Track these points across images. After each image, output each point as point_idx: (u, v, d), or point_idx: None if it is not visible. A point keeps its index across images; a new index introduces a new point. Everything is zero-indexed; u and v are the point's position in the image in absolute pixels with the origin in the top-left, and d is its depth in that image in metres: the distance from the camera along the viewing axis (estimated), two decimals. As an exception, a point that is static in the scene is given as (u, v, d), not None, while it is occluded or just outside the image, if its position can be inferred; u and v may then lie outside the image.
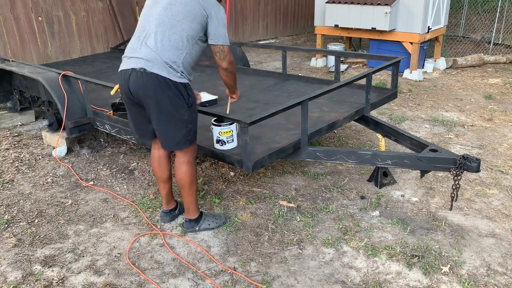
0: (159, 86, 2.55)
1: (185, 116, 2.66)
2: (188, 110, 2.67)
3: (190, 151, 2.84)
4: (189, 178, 2.87)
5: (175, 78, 2.57)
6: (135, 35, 2.70)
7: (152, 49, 2.56)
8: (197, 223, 3.06)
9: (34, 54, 7.00)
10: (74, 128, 4.02)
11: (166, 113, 2.63)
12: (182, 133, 2.71)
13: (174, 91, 2.58)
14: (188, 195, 2.93)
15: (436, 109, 5.56)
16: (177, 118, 2.65)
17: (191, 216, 3.04)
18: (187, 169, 2.84)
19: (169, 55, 2.56)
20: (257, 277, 2.65)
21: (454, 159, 2.91)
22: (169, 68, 2.56)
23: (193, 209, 3.02)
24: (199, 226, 3.07)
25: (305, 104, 3.02)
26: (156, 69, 2.54)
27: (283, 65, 4.87)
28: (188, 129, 2.72)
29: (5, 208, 3.43)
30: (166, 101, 2.59)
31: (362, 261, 2.77)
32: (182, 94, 2.61)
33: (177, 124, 2.67)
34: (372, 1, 6.77)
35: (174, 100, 2.60)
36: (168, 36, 2.58)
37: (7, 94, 5.19)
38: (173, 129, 2.69)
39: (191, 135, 2.77)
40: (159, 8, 2.64)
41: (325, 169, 3.97)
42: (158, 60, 2.55)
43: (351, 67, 7.78)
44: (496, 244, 2.92)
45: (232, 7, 9.73)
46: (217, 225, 3.12)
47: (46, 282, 2.63)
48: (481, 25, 9.92)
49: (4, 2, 6.51)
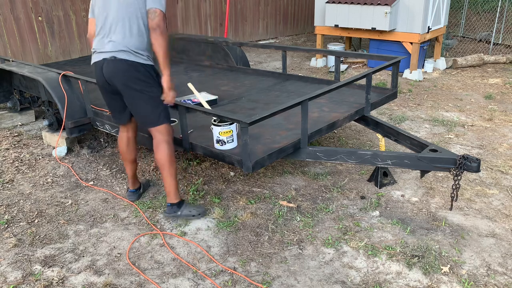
0: (130, 69, 2.85)
1: (158, 93, 2.94)
2: (158, 87, 2.94)
3: (168, 130, 3.03)
4: (169, 157, 3.01)
5: (142, 61, 2.88)
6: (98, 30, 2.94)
7: (118, 41, 2.84)
8: (179, 208, 3.15)
9: (34, 54, 6.99)
10: (74, 128, 4.02)
11: (141, 93, 2.89)
12: (159, 110, 2.96)
13: (144, 72, 2.88)
14: (169, 175, 3.05)
15: (436, 109, 5.56)
16: (151, 96, 2.92)
17: (172, 200, 3.14)
18: (166, 148, 3.01)
19: (134, 43, 2.85)
20: (257, 277, 2.65)
21: (454, 159, 2.91)
22: (136, 54, 2.85)
23: (174, 193, 3.12)
24: (181, 211, 3.16)
25: (305, 104, 3.02)
26: (125, 56, 2.84)
27: (283, 65, 4.87)
28: (163, 106, 2.98)
29: (5, 208, 3.43)
30: (139, 81, 2.87)
31: (362, 261, 2.77)
32: (151, 74, 2.92)
33: (153, 101, 2.94)
34: (372, 1, 6.77)
35: (146, 79, 2.89)
36: (129, 27, 2.84)
37: (7, 94, 5.19)
38: (150, 107, 2.95)
39: (166, 112, 3.01)
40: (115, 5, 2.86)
41: (325, 169, 3.97)
42: (126, 49, 2.84)
43: (351, 67, 7.78)
44: (496, 244, 2.92)
45: (232, 7, 9.73)
46: (198, 213, 3.20)
47: (46, 282, 2.63)
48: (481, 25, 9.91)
49: (4, 2, 6.51)
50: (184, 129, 3.16)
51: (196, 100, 3.95)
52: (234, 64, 5.39)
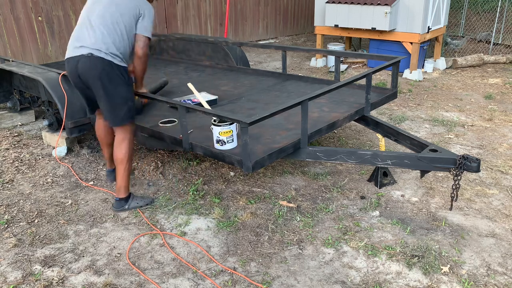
0: (104, 68, 3.01)
1: (126, 93, 3.12)
2: (128, 88, 3.14)
3: (130, 129, 3.21)
4: (128, 155, 3.20)
5: (117, 62, 3.06)
6: (80, 26, 3.12)
7: (98, 41, 3.01)
8: (126, 202, 3.32)
9: (34, 54, 6.99)
10: (74, 128, 4.02)
11: (111, 91, 3.06)
12: (125, 109, 3.12)
13: (116, 72, 3.05)
14: (124, 171, 3.22)
15: (436, 109, 5.56)
16: (120, 95, 3.09)
17: (121, 195, 3.30)
18: (127, 146, 3.20)
19: (112, 47, 3.03)
20: (257, 277, 2.65)
21: (454, 159, 2.91)
22: (112, 55, 3.03)
23: (125, 188, 3.29)
24: (128, 205, 3.32)
25: (305, 104, 3.02)
26: (102, 55, 3.00)
27: (283, 65, 4.87)
28: (129, 106, 3.14)
29: (5, 208, 3.43)
30: (111, 80, 3.04)
31: (362, 261, 2.77)
32: (122, 74, 3.09)
33: (121, 100, 3.10)
34: (372, 1, 6.77)
35: (117, 78, 3.06)
36: (111, 31, 3.03)
37: (7, 94, 5.19)
38: (117, 105, 3.10)
39: (132, 112, 3.18)
40: (102, 5, 3.09)
41: (325, 169, 3.97)
42: (103, 50, 3.00)
43: (351, 67, 7.78)
44: (496, 244, 2.92)
45: (232, 7, 9.73)
46: (145, 204, 3.37)
47: (46, 282, 2.63)
48: (481, 25, 9.91)
49: (4, 2, 6.51)
50: (184, 129, 3.16)
51: (196, 100, 3.95)
52: (234, 64, 5.39)
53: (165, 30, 8.67)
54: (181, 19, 8.96)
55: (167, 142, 3.40)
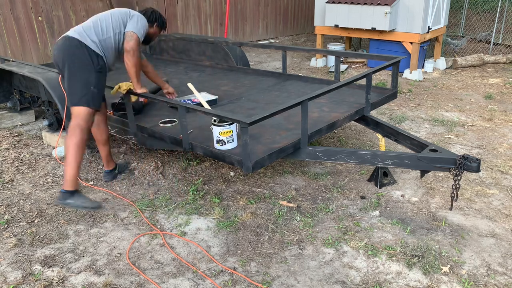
0: (77, 47, 3.12)
1: (91, 77, 3.14)
2: (95, 73, 3.16)
3: (86, 115, 3.14)
4: (78, 144, 3.04)
5: (93, 48, 3.16)
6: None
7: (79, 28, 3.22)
8: (69, 197, 3.02)
9: (34, 54, 6.99)
10: (74, 128, 4.01)
11: (76, 69, 3.12)
12: (84, 91, 3.12)
13: (88, 55, 3.12)
14: (73, 162, 3.00)
15: (436, 109, 5.56)
16: (84, 77, 3.12)
17: (68, 187, 3.01)
18: (79, 134, 3.06)
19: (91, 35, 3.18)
20: (257, 277, 2.65)
21: (454, 159, 2.91)
22: (89, 40, 3.16)
23: (72, 180, 3.02)
24: (72, 200, 3.03)
25: (305, 104, 3.02)
26: (78, 36, 3.15)
27: (283, 65, 4.87)
28: (91, 91, 3.14)
29: (5, 208, 3.43)
30: (78, 58, 3.11)
31: (362, 261, 2.77)
32: (92, 60, 3.14)
33: (84, 82, 3.12)
34: (372, 1, 6.77)
35: (86, 61, 3.12)
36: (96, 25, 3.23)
37: (7, 94, 5.18)
38: (79, 85, 3.12)
39: (92, 98, 3.15)
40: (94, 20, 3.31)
41: (325, 169, 3.97)
42: (81, 33, 3.17)
43: (351, 67, 7.78)
44: (496, 244, 2.92)
45: (232, 7, 9.73)
46: (84, 207, 3.05)
47: (46, 282, 2.63)
48: (481, 25, 9.91)
49: (4, 2, 6.51)
50: (184, 129, 3.16)
51: (196, 100, 3.95)
52: (234, 64, 5.39)
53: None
54: (181, 19, 8.96)
55: (167, 142, 3.40)
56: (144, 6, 8.24)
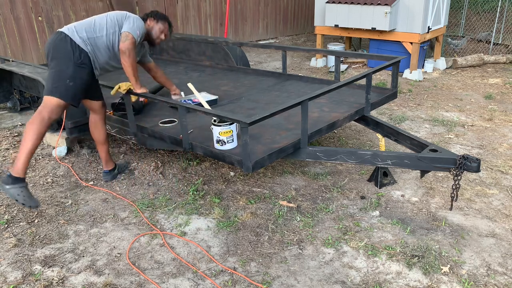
0: (61, 40, 3.15)
1: (69, 70, 3.11)
2: (74, 67, 3.13)
3: (53, 105, 3.08)
4: (32, 132, 3.00)
5: (78, 43, 3.16)
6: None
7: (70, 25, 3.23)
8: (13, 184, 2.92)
9: (34, 54, 6.99)
10: (74, 128, 4.01)
11: (56, 60, 3.13)
12: (58, 83, 3.10)
13: (69, 48, 3.12)
14: (24, 147, 2.98)
15: (436, 109, 5.56)
16: (61, 68, 3.11)
17: (13, 173, 2.94)
18: (37, 123, 3.02)
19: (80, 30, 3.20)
20: (257, 277, 2.65)
21: (454, 159, 2.91)
22: (76, 35, 3.17)
23: (19, 167, 2.95)
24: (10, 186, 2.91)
25: (305, 104, 3.02)
26: (68, 32, 3.17)
27: (283, 65, 4.87)
28: (66, 83, 3.10)
29: (5, 208, 3.43)
30: (60, 51, 3.13)
31: (362, 261, 2.77)
32: (74, 53, 3.13)
33: (59, 73, 3.11)
34: (372, 1, 6.77)
35: (67, 53, 3.12)
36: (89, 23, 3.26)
37: (7, 94, 5.19)
38: (54, 76, 3.11)
39: (66, 90, 3.11)
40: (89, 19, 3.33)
41: (325, 169, 3.97)
42: (69, 28, 3.20)
43: (351, 67, 7.78)
44: (496, 244, 2.92)
45: (232, 7, 9.73)
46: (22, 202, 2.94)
47: (46, 282, 2.63)
48: (481, 25, 9.91)
49: (4, 2, 6.51)
50: (184, 129, 3.16)
51: (196, 100, 3.95)
52: (234, 64, 5.39)
53: (165, 30, 8.66)
54: (181, 19, 8.96)
55: (167, 142, 3.40)
56: (144, 6, 8.24)
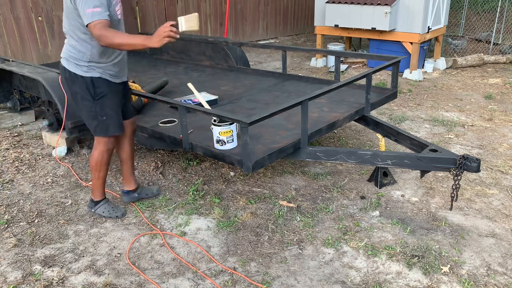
0: (67, 79, 2.91)
1: (92, 108, 2.92)
2: (95, 103, 2.90)
3: (102, 142, 3.04)
4: (95, 165, 3.10)
5: (81, 73, 2.84)
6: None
7: (64, 47, 2.91)
8: (95, 205, 3.27)
9: (34, 54, 6.99)
10: (74, 128, 4.01)
11: (77, 103, 2.97)
12: (94, 124, 2.97)
13: (79, 85, 2.86)
14: (94, 178, 3.17)
15: (436, 109, 5.56)
16: (86, 109, 2.94)
17: (93, 197, 3.27)
18: (96, 155, 3.07)
19: (73, 53, 2.84)
20: (257, 277, 2.65)
21: (454, 159, 2.91)
22: (75, 64, 2.84)
23: (96, 192, 3.24)
24: (94, 209, 3.28)
25: (305, 104, 3.02)
26: (66, 63, 2.88)
27: (283, 65, 4.87)
28: (99, 120, 2.95)
29: (5, 208, 3.43)
30: (74, 93, 2.92)
31: (362, 261, 2.77)
32: (86, 87, 2.86)
33: (88, 114, 2.96)
34: (372, 1, 6.77)
35: (80, 93, 2.89)
36: (69, 34, 2.84)
37: (7, 94, 5.18)
38: (86, 118, 3.00)
39: (104, 126, 2.98)
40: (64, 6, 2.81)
41: (325, 169, 3.97)
42: (67, 57, 2.87)
43: (351, 67, 7.78)
44: (496, 244, 2.92)
45: (232, 7, 9.73)
46: (109, 215, 3.26)
47: (46, 282, 2.63)
48: (481, 25, 9.91)
49: (4, 2, 6.51)
50: (184, 129, 3.16)
51: (196, 100, 3.95)
52: (234, 64, 5.39)
53: (165, 30, 8.66)
54: (181, 19, 8.94)
55: (167, 142, 3.40)
56: (144, 6, 8.24)
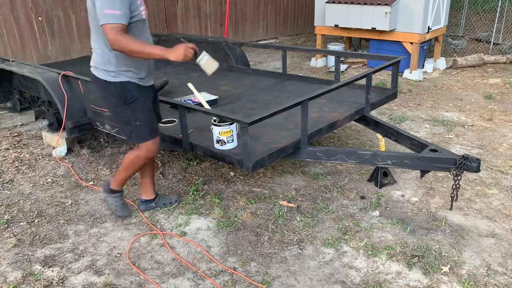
0: (99, 87, 2.83)
1: (125, 113, 2.83)
2: (127, 108, 2.81)
3: (144, 148, 2.95)
4: (127, 163, 3.03)
5: (109, 78, 2.75)
6: None
7: (92, 55, 2.83)
8: (109, 192, 3.21)
9: (34, 54, 6.99)
10: (74, 128, 4.02)
11: (110, 110, 2.94)
12: (128, 130, 2.89)
13: (109, 91, 2.79)
14: (121, 170, 3.10)
15: (436, 109, 5.56)
16: (119, 115, 2.87)
17: (112, 186, 3.20)
18: (132, 156, 3.00)
19: (99, 60, 2.76)
20: (257, 277, 2.65)
21: (454, 159, 2.91)
22: (103, 71, 2.76)
23: (117, 181, 3.17)
24: (106, 196, 3.24)
25: (305, 104, 3.02)
26: (95, 71, 2.80)
27: (283, 65, 4.87)
28: (133, 126, 2.85)
29: (5, 208, 3.43)
30: (107, 100, 2.86)
31: (362, 261, 2.77)
32: (118, 93, 2.78)
33: (121, 120, 2.89)
34: (372, 1, 6.77)
35: (111, 99, 2.82)
36: (93, 41, 2.76)
37: (7, 94, 5.19)
38: (120, 124, 2.96)
39: (139, 132, 2.89)
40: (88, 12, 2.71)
41: (325, 169, 3.97)
42: (95, 65, 2.80)
43: (351, 67, 7.78)
44: (496, 244, 2.92)
45: (232, 7, 9.73)
46: (114, 210, 3.24)
47: (46, 282, 2.63)
48: (481, 25, 9.91)
49: (4, 2, 6.51)
50: (184, 129, 3.16)
51: (196, 100, 3.95)
52: (234, 64, 5.39)
53: (165, 30, 8.67)
54: (181, 19, 8.96)
55: (167, 142, 3.40)
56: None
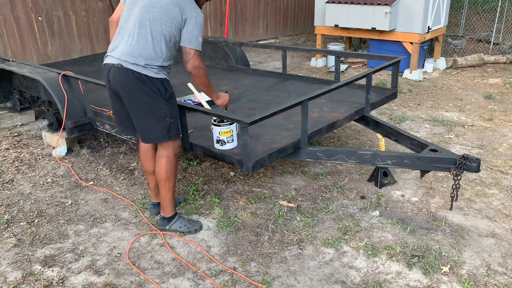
0: (134, 81, 2.68)
1: (162, 110, 2.76)
2: (166, 104, 2.77)
3: (171, 146, 2.90)
4: (165, 174, 2.91)
5: (151, 74, 2.69)
6: (117, 32, 2.82)
7: (131, 49, 2.69)
8: (168, 222, 3.07)
9: (34, 54, 6.99)
10: (74, 128, 4.02)
11: (143, 107, 2.75)
12: (161, 127, 2.80)
13: (150, 86, 2.70)
14: (164, 190, 2.96)
15: (436, 109, 5.56)
16: (154, 112, 2.76)
17: (165, 214, 3.06)
18: (165, 163, 2.90)
19: (147, 56, 2.68)
20: (257, 277, 2.65)
21: (454, 159, 2.91)
22: (145, 66, 2.68)
23: (168, 207, 3.03)
24: (169, 226, 3.07)
25: (305, 104, 3.02)
26: (132, 66, 2.67)
27: (283, 65, 4.87)
28: (168, 123, 2.80)
29: (5, 208, 3.43)
30: (142, 95, 2.71)
31: (362, 261, 2.77)
32: (158, 89, 2.72)
33: (155, 118, 2.78)
34: (372, 1, 6.77)
35: (150, 94, 2.71)
36: (147, 38, 2.68)
37: (7, 94, 5.19)
38: (151, 122, 2.79)
39: (172, 129, 2.84)
40: (138, 10, 2.71)
41: (325, 169, 3.97)
42: (135, 60, 2.67)
43: (351, 67, 7.78)
44: (496, 244, 2.92)
45: (232, 7, 9.73)
46: (188, 230, 3.06)
47: (46, 282, 2.63)
48: (481, 25, 9.91)
49: (4, 2, 6.51)
50: (184, 129, 3.16)
51: (196, 100, 3.95)
52: (234, 64, 5.39)
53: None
54: (181, 19, 8.94)
55: (167, 142, 3.39)
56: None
